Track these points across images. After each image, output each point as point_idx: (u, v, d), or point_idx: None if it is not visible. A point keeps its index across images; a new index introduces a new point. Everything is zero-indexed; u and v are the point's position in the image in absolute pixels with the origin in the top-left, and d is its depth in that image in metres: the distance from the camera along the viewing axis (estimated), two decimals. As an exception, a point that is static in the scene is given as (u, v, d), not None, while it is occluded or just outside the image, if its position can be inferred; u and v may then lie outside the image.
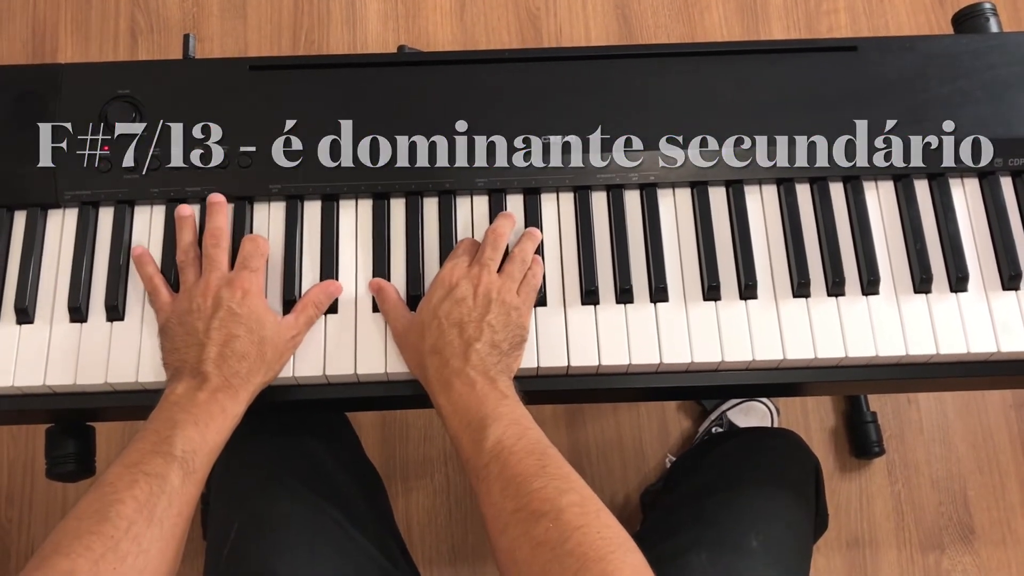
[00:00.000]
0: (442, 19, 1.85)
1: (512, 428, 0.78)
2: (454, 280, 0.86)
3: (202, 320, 0.84)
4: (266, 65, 0.95)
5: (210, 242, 0.89)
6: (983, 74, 0.96)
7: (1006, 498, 1.60)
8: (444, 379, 0.83)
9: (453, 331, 0.83)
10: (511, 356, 0.85)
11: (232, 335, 0.83)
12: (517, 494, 0.74)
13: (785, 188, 0.94)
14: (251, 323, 0.84)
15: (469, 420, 0.80)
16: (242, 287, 0.85)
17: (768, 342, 0.89)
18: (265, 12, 1.85)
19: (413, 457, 1.62)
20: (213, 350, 0.82)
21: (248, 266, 0.87)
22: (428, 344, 0.84)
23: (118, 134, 0.92)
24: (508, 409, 0.80)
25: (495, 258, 0.89)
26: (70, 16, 1.85)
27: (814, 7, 1.86)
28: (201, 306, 0.84)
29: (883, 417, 1.62)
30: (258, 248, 0.89)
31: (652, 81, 0.95)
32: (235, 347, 0.82)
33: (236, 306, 0.84)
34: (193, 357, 0.82)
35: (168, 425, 0.78)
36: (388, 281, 0.91)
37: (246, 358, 0.83)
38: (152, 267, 0.90)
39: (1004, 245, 0.92)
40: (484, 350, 0.83)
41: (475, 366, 0.82)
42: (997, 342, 0.89)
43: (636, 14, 1.85)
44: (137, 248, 0.91)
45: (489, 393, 0.81)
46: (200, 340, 0.83)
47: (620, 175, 0.93)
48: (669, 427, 1.64)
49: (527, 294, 0.88)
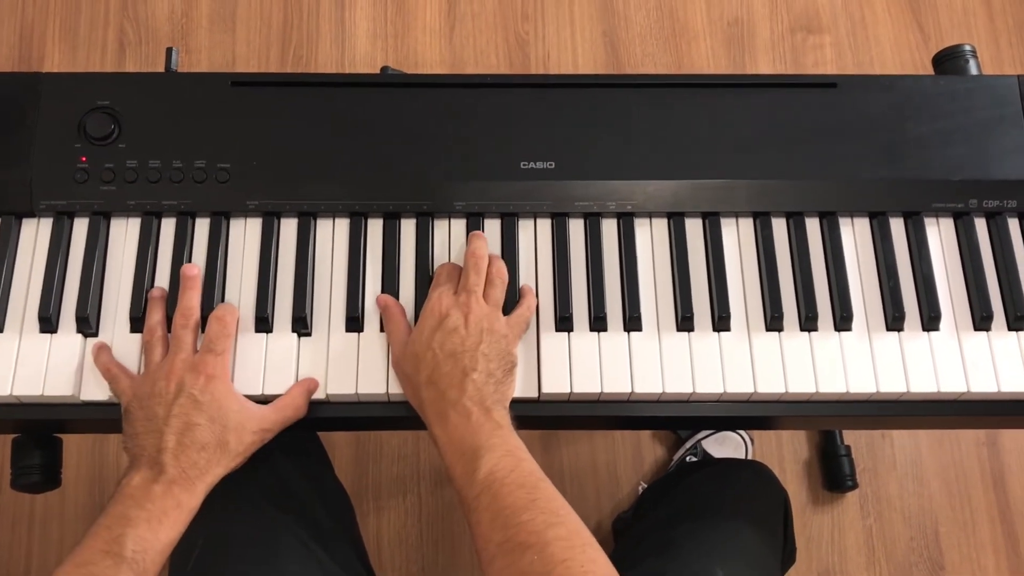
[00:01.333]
0: (431, 40, 1.86)
1: (505, 460, 0.79)
2: (444, 310, 0.86)
3: (163, 406, 0.82)
4: (248, 81, 0.95)
5: (179, 322, 0.87)
6: (960, 116, 0.96)
7: (976, 535, 1.61)
8: (440, 410, 0.82)
9: (448, 362, 0.83)
10: (505, 384, 0.85)
11: (192, 423, 0.81)
12: (505, 526, 0.75)
13: (761, 221, 0.94)
14: (213, 411, 0.82)
15: (463, 451, 0.80)
16: (206, 372, 0.84)
17: (740, 375, 0.89)
18: (254, 26, 1.86)
19: (386, 476, 1.61)
20: (172, 439, 0.80)
21: (213, 349, 0.85)
22: (423, 376, 0.84)
23: (96, 145, 0.92)
24: (501, 440, 0.80)
25: (480, 283, 0.88)
26: (58, 24, 1.85)
27: (800, 42, 1.88)
28: (163, 390, 0.83)
29: (857, 451, 1.63)
30: (224, 329, 0.87)
31: (632, 111, 0.95)
32: (195, 436, 0.81)
33: (199, 393, 0.82)
34: (151, 446, 0.81)
35: (120, 522, 0.77)
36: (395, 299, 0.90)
37: (206, 448, 0.81)
38: (107, 357, 0.88)
39: (977, 286, 0.92)
40: (480, 380, 0.83)
41: (471, 396, 0.82)
42: (967, 382, 0.89)
43: (624, 42, 1.86)
44: (95, 345, 0.89)
45: (484, 424, 0.81)
46: (159, 427, 0.81)
47: (598, 203, 0.93)
48: (643, 454, 1.64)
49: (517, 323, 0.88)
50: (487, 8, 1.87)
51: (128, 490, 0.80)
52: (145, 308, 0.89)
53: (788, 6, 1.89)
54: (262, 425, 0.85)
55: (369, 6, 1.87)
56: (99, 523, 0.78)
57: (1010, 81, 0.98)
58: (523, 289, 0.91)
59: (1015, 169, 0.94)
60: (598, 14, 1.87)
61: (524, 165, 0.93)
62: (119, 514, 0.78)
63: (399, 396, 0.88)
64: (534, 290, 0.91)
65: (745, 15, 1.89)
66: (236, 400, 0.85)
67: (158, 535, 0.78)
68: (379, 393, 0.88)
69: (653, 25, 1.87)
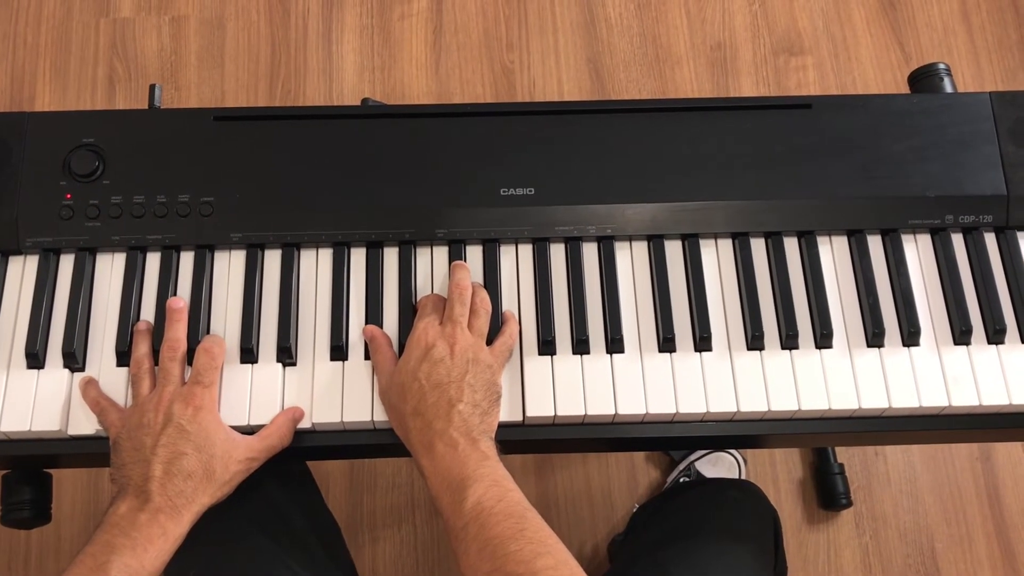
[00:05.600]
0: (418, 72, 1.87)
1: (492, 490, 0.79)
2: (429, 341, 0.87)
3: (151, 436, 0.83)
4: (230, 116, 0.97)
5: (167, 354, 0.88)
6: (935, 133, 0.98)
7: (973, 550, 1.61)
8: (427, 441, 0.83)
9: (434, 393, 0.84)
10: (491, 414, 0.86)
11: (179, 452, 0.82)
12: (493, 556, 0.75)
13: (740, 242, 0.95)
14: (200, 441, 0.83)
15: (450, 481, 0.81)
16: (194, 403, 0.85)
17: (722, 394, 0.89)
18: (243, 62, 1.88)
19: (380, 506, 1.61)
20: (159, 468, 0.81)
21: (201, 381, 0.86)
22: (410, 406, 0.84)
23: (81, 182, 0.93)
24: (489, 470, 0.81)
25: (465, 314, 0.89)
26: (49, 63, 1.87)
27: (783, 64, 1.89)
28: (152, 421, 0.84)
29: (851, 469, 1.63)
30: (212, 361, 0.88)
31: (609, 135, 0.97)
32: (181, 465, 0.82)
33: (187, 423, 0.83)
34: (138, 475, 0.82)
35: (105, 550, 0.78)
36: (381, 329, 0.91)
37: (192, 477, 0.82)
38: (95, 391, 0.89)
39: (955, 300, 0.93)
40: (466, 411, 0.83)
41: (458, 427, 0.83)
42: (948, 396, 0.90)
43: (608, 69, 1.88)
44: (83, 379, 0.89)
45: (471, 454, 0.81)
46: (146, 457, 0.82)
47: (578, 227, 0.94)
48: (638, 477, 1.64)
49: (501, 352, 0.89)
50: (472, 39, 1.89)
51: (114, 518, 0.80)
52: (131, 342, 0.90)
53: (770, 29, 1.91)
54: (248, 454, 0.86)
55: (355, 39, 1.89)
56: (85, 551, 0.79)
57: (983, 98, 0.99)
58: (505, 315, 0.92)
59: (990, 184, 0.95)
60: (582, 42, 1.89)
61: (504, 192, 0.94)
62: (105, 542, 0.78)
63: (385, 424, 0.89)
64: (516, 316, 0.92)
65: (728, 39, 1.91)
66: (223, 430, 0.86)
67: (143, 563, 0.78)
68: (364, 421, 0.89)
69: (637, 51, 1.89)
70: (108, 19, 1.90)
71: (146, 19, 1.90)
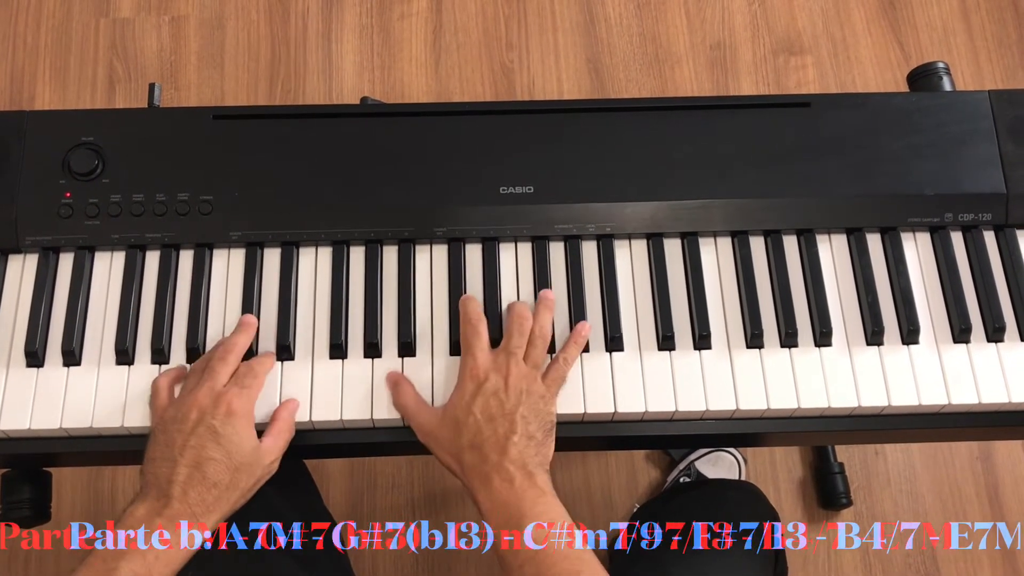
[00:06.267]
0: (417, 71, 1.88)
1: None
2: (482, 374, 0.86)
3: (181, 433, 0.82)
4: (229, 114, 0.97)
5: (218, 353, 0.87)
6: (934, 131, 0.98)
7: (973, 550, 1.60)
8: (483, 474, 0.83)
9: (489, 426, 0.84)
10: (545, 444, 0.85)
11: (207, 457, 0.81)
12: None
13: (739, 240, 0.95)
14: (230, 447, 0.82)
15: (508, 517, 0.81)
16: (228, 405, 0.83)
17: (722, 392, 0.89)
18: (242, 62, 1.88)
19: (380, 505, 1.61)
20: (183, 471, 0.80)
21: (240, 383, 0.86)
22: (465, 440, 0.84)
23: (80, 181, 0.93)
24: (546, 507, 0.81)
25: (522, 345, 0.88)
26: (48, 63, 1.87)
27: (783, 63, 1.89)
28: (185, 416, 0.83)
29: (850, 468, 1.63)
30: (255, 368, 0.87)
31: (608, 134, 0.97)
32: (207, 472, 0.81)
33: (219, 424, 0.82)
34: (164, 475, 0.81)
35: (116, 554, 0.77)
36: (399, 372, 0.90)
37: (217, 486, 0.81)
38: (166, 379, 0.88)
39: (955, 299, 0.93)
40: (521, 443, 0.83)
41: (513, 460, 0.82)
42: (948, 394, 0.90)
43: (608, 68, 1.88)
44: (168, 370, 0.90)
45: (528, 490, 0.81)
46: (174, 456, 0.81)
47: (577, 225, 0.94)
48: (638, 477, 1.64)
49: (554, 381, 0.88)
50: (472, 38, 1.89)
51: (130, 520, 0.79)
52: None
53: (770, 29, 1.91)
54: (269, 458, 0.85)
55: (355, 39, 1.89)
56: (96, 553, 0.78)
57: (981, 96, 0.99)
58: (572, 335, 0.90)
59: (989, 183, 0.95)
60: (582, 41, 1.89)
61: (504, 190, 0.94)
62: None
63: (384, 422, 0.89)
64: (582, 341, 0.90)
65: (727, 38, 1.91)
66: (252, 439, 0.85)
67: (153, 571, 0.77)
68: (364, 419, 0.88)
69: (636, 51, 1.89)
70: (108, 19, 1.90)
71: (146, 19, 1.90)
